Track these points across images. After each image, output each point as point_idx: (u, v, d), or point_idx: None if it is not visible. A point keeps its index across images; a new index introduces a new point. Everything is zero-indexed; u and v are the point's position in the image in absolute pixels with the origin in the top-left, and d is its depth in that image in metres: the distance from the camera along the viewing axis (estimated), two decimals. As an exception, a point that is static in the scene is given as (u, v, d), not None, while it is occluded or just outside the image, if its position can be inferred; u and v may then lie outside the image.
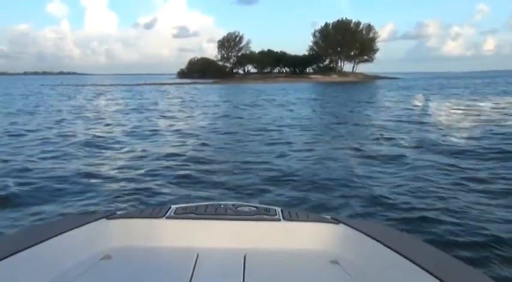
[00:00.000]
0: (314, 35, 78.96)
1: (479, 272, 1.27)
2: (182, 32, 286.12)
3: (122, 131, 10.92)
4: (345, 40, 73.82)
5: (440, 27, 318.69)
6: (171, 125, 12.24)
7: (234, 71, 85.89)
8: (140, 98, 27.65)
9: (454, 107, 17.31)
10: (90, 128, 11.38)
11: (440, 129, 10.53)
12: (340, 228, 1.62)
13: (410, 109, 16.81)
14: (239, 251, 1.50)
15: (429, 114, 14.49)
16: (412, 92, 32.14)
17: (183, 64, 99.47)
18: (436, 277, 1.14)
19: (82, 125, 12.37)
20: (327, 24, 77.76)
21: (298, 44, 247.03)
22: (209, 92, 36.62)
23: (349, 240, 1.56)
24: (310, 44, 79.66)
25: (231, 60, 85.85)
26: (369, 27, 77.46)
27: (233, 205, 1.78)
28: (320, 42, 77.94)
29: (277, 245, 1.59)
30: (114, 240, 1.59)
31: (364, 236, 1.51)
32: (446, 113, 14.72)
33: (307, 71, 79.64)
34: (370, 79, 70.90)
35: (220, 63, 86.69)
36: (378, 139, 8.98)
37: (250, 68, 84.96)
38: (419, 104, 19.75)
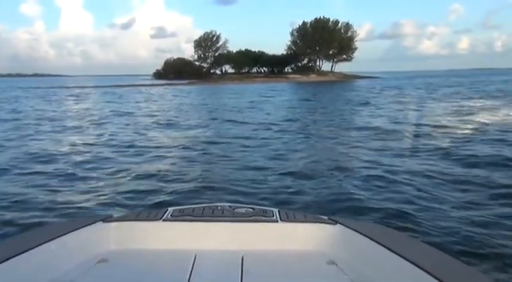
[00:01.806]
0: (292, 34, 77.59)
1: (477, 272, 1.26)
2: (160, 33, 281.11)
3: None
4: (323, 39, 72.57)
5: (416, 27, 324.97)
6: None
7: (212, 71, 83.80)
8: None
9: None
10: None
11: None
12: (337, 228, 1.63)
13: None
14: (237, 253, 1.50)
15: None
16: (407, 91, 30.98)
17: (161, 65, 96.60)
18: (434, 277, 1.13)
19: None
20: (304, 23, 76.45)
21: (277, 44, 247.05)
22: (176, 94, 34.49)
23: (346, 240, 1.56)
24: (289, 43, 78.40)
25: (208, 61, 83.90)
26: (347, 26, 76.71)
27: (230, 207, 1.77)
28: (298, 41, 76.47)
29: (275, 246, 1.59)
30: (111, 243, 1.59)
31: (361, 236, 1.51)
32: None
33: (286, 70, 78.35)
34: (349, 78, 69.97)
35: (197, 63, 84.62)
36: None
37: (228, 68, 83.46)
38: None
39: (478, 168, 5.95)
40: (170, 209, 1.76)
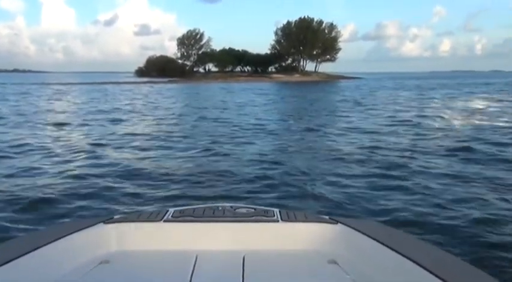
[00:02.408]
0: (276, 34, 77.07)
1: (478, 270, 1.24)
2: (143, 30, 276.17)
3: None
4: (307, 39, 72.26)
5: (399, 29, 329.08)
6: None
7: (195, 69, 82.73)
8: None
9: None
10: None
11: None
12: (338, 228, 1.63)
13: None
14: (238, 253, 1.50)
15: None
16: (404, 92, 30.65)
17: (143, 62, 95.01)
18: (435, 275, 1.13)
19: None
20: (289, 23, 75.97)
21: (262, 43, 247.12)
22: (151, 93, 33.39)
23: (347, 239, 1.56)
24: (273, 42, 77.83)
25: (192, 59, 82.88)
26: (331, 27, 76.63)
27: (231, 207, 1.77)
28: (282, 41, 76.03)
29: (276, 246, 1.60)
30: (112, 244, 1.59)
31: (362, 235, 1.51)
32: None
33: (270, 70, 77.87)
34: (333, 79, 69.91)
35: (180, 61, 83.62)
36: None
37: (212, 67, 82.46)
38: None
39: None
40: (171, 209, 1.76)
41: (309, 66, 78.36)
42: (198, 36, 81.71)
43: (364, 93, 30.20)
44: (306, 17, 75.47)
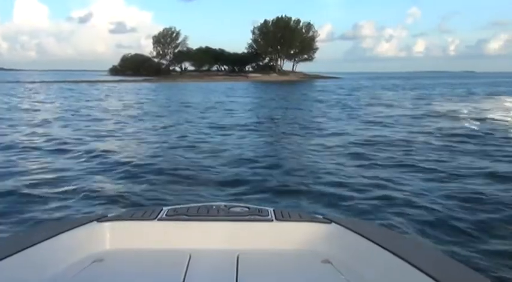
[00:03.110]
0: (253, 32, 76.38)
1: (472, 271, 1.25)
2: (119, 28, 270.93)
3: None
4: (285, 38, 71.88)
5: (375, 29, 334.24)
6: None
7: (171, 68, 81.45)
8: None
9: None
10: None
11: None
12: (332, 227, 1.63)
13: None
14: (232, 252, 1.50)
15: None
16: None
17: (118, 61, 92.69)
18: (430, 276, 1.14)
19: None
20: (266, 21, 75.34)
21: (239, 42, 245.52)
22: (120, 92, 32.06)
23: (341, 239, 1.56)
24: (250, 41, 77.12)
25: (168, 57, 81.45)
26: (309, 26, 76.53)
27: (225, 206, 1.77)
28: (259, 40, 75.36)
29: (270, 246, 1.60)
30: (106, 243, 1.58)
31: (356, 235, 1.52)
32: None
33: (247, 69, 77.20)
34: (310, 78, 69.84)
35: (156, 60, 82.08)
36: None
37: (188, 66, 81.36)
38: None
39: None
40: (165, 208, 1.74)
41: (287, 65, 78.27)
42: (174, 34, 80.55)
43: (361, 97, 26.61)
44: (284, 16, 75.23)
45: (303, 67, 79.66)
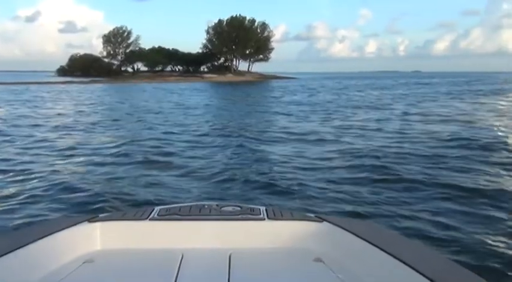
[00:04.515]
0: (208, 32, 75.19)
1: (463, 268, 1.25)
2: (69, 27, 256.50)
3: None
4: (240, 38, 71.30)
5: (329, 30, 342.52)
6: None
7: (123, 69, 78.42)
8: None
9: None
10: None
11: None
12: (324, 226, 1.63)
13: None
14: (224, 251, 1.50)
15: None
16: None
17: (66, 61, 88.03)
18: (421, 273, 1.14)
19: None
20: (220, 21, 74.41)
21: (194, 42, 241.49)
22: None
23: (333, 238, 1.57)
24: (204, 41, 75.84)
25: (119, 57, 78.26)
26: (264, 26, 76.42)
27: (217, 205, 1.78)
28: (214, 40, 74.26)
29: (262, 244, 1.60)
30: (97, 243, 1.58)
31: (348, 233, 1.52)
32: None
33: (202, 69, 75.80)
34: (266, 79, 69.69)
35: (107, 60, 78.63)
36: None
37: (141, 66, 78.63)
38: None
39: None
40: (157, 208, 1.74)
41: (242, 65, 77.71)
42: (126, 33, 77.67)
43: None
44: (238, 15, 74.62)
45: (258, 67, 79.56)
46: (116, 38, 77.38)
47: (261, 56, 77.42)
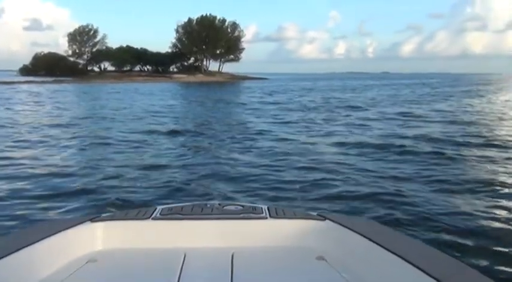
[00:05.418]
0: (177, 31, 73.92)
1: (466, 266, 1.25)
2: (34, 25, 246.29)
3: None
4: (210, 37, 70.48)
5: (299, 32, 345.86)
6: None
7: (89, 68, 76.07)
8: None
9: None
10: None
11: None
12: (326, 224, 1.64)
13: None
14: (227, 250, 1.50)
15: None
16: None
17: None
18: (423, 271, 1.14)
19: None
20: (190, 20, 73.42)
21: (163, 42, 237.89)
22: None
23: (335, 236, 1.57)
24: (174, 40, 74.59)
25: (85, 56, 75.87)
26: (234, 25, 75.99)
27: (219, 204, 1.78)
28: (184, 39, 73.15)
29: (265, 243, 1.61)
30: (100, 243, 1.59)
31: (350, 231, 1.52)
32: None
33: (171, 70, 74.57)
34: (237, 79, 69.30)
35: (72, 59, 76.04)
36: None
37: (108, 66, 76.46)
38: None
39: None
40: (159, 207, 1.74)
41: (213, 66, 76.91)
42: (92, 32, 75.37)
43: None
44: (209, 14, 73.81)
45: (229, 68, 78.99)
46: (81, 36, 75.03)
47: (232, 56, 76.95)
